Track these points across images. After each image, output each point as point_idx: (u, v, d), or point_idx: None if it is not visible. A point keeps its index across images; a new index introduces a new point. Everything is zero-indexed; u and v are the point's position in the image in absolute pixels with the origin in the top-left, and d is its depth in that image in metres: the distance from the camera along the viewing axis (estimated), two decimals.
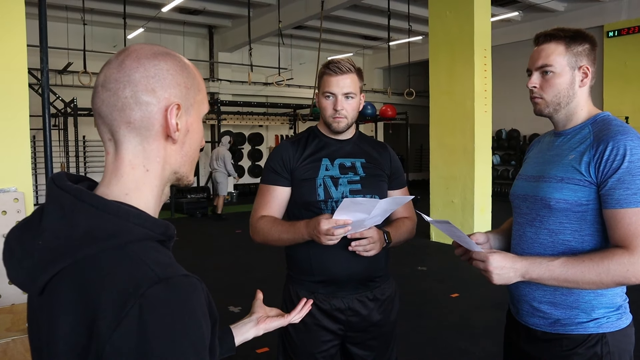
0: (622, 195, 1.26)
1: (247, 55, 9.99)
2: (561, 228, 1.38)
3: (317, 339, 1.77)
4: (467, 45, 6.76)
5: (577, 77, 1.41)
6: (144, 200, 0.78)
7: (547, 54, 1.40)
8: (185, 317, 0.66)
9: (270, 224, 1.74)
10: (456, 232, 1.39)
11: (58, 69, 10.19)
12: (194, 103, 0.82)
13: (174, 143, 0.80)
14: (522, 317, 1.49)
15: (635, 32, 9.88)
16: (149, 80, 0.77)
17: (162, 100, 0.77)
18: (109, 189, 0.78)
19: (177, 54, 0.83)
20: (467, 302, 4.56)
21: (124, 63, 0.77)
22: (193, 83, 0.82)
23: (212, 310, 0.75)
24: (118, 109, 0.76)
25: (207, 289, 0.74)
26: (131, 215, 0.72)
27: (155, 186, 0.80)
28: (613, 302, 1.38)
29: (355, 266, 1.73)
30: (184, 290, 0.67)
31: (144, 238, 0.72)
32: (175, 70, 0.79)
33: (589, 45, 1.41)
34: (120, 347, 0.62)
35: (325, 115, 1.77)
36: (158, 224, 0.75)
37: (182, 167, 0.83)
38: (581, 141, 1.38)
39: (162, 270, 0.67)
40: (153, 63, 0.78)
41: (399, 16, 10.17)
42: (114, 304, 0.64)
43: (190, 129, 0.82)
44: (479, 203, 6.89)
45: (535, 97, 1.44)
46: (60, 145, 10.01)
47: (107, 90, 0.77)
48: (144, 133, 0.77)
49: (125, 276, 0.66)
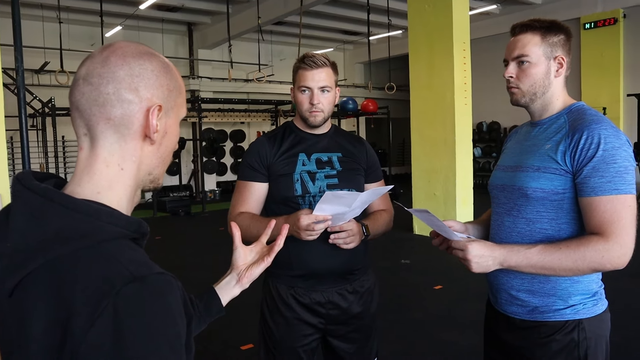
0: (596, 183, 1.28)
1: (227, 52, 9.92)
2: (538, 217, 1.40)
3: (298, 333, 1.77)
4: (446, 39, 6.80)
5: (552, 67, 1.42)
6: (116, 199, 0.77)
7: (523, 44, 1.42)
8: (160, 315, 0.65)
9: (248, 220, 1.73)
10: (435, 222, 1.39)
11: (35, 68, 10.02)
12: (175, 106, 0.82)
13: (151, 144, 0.80)
14: (501, 306, 1.51)
15: (611, 24, 10.04)
16: (133, 78, 0.76)
17: (145, 100, 0.77)
18: (80, 187, 0.76)
19: (161, 55, 0.83)
20: (451, 294, 4.60)
21: (109, 59, 0.76)
22: (175, 86, 0.82)
23: (188, 308, 0.74)
24: (99, 104, 0.75)
25: (182, 286, 0.74)
26: (102, 213, 0.71)
27: (129, 186, 0.79)
28: (589, 289, 1.40)
29: (334, 259, 1.73)
30: (159, 288, 0.67)
31: (118, 236, 0.71)
32: (160, 72, 0.79)
33: (564, 36, 1.43)
34: (96, 346, 0.62)
35: (302, 110, 1.77)
36: (131, 221, 0.74)
37: (156, 168, 0.83)
38: (557, 131, 1.40)
39: (137, 269, 0.67)
40: (138, 62, 0.77)
41: (378, 11, 10.18)
42: (88, 304, 0.63)
43: (168, 131, 0.82)
44: (461, 195, 6.95)
45: (512, 87, 1.46)
46: (39, 146, 9.87)
47: (89, 84, 0.76)
48: (123, 131, 0.77)
49: (99, 275, 0.65)
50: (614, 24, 10.01)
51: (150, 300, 0.65)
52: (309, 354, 1.81)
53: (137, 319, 0.63)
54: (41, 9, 9.76)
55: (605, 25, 10.13)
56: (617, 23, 9.99)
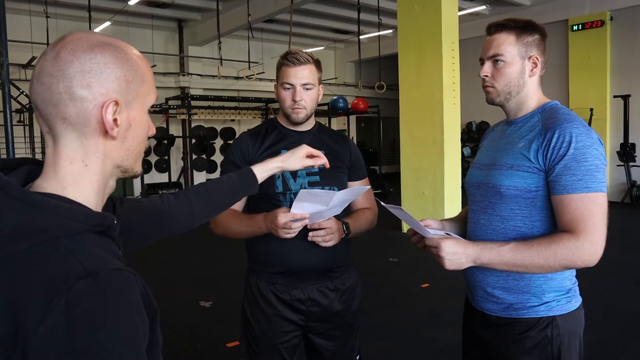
0: (568, 181, 1.30)
1: (217, 49, 9.89)
2: (512, 214, 1.41)
3: (278, 330, 1.78)
4: (435, 39, 6.82)
5: (527, 66, 1.44)
6: (83, 194, 0.76)
7: (498, 43, 1.43)
8: (113, 311, 0.65)
9: (229, 217, 1.74)
10: (409, 219, 1.41)
11: (22, 63, 9.92)
12: (137, 96, 0.79)
13: (113, 139, 0.78)
14: (478, 303, 1.53)
15: (599, 26, 10.11)
16: (84, 75, 0.73)
17: (99, 96, 0.74)
18: (46, 182, 0.76)
19: (121, 42, 0.80)
20: (437, 292, 4.63)
21: (58, 56, 0.74)
22: (136, 74, 0.79)
23: (151, 302, 0.74)
24: (52, 104, 0.74)
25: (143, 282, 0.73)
26: (60, 209, 0.70)
27: (96, 181, 0.78)
28: (562, 286, 1.42)
29: (314, 257, 1.73)
30: (112, 283, 0.67)
31: (77, 231, 0.70)
32: (114, 63, 0.76)
33: (539, 36, 1.45)
34: (47, 340, 0.62)
35: (285, 106, 1.77)
36: (91, 215, 0.73)
37: (124, 160, 0.81)
38: (530, 129, 1.42)
39: (91, 264, 0.66)
40: (89, 56, 0.74)
41: (369, 9, 10.19)
42: (41, 299, 0.63)
43: (132, 122, 0.79)
44: (449, 194, 6.98)
45: (487, 85, 1.47)
46: (26, 142, 9.77)
47: (41, 84, 0.74)
48: (81, 129, 0.75)
49: (53, 271, 0.65)
50: (601, 26, 10.09)
51: (103, 296, 0.65)
52: (289, 350, 1.82)
53: (88, 314, 0.63)
54: (28, 3, 9.67)
55: (593, 27, 10.20)
56: (604, 25, 10.06)
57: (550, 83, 10.71)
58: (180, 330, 3.77)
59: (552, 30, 10.54)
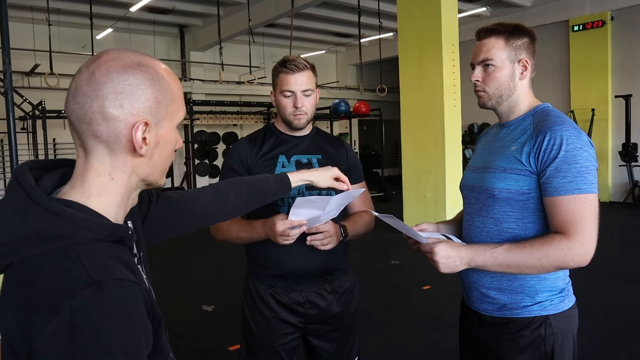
0: (559, 183, 1.32)
1: (219, 54, 9.94)
2: (505, 217, 1.43)
3: (277, 332, 1.80)
4: (435, 41, 6.84)
5: (517, 70, 1.46)
6: (105, 205, 0.80)
7: (487, 48, 1.45)
8: (114, 318, 0.68)
9: (229, 222, 1.76)
10: (402, 226, 1.42)
11: (25, 70, 9.99)
12: (167, 115, 0.82)
13: (141, 157, 0.81)
14: (473, 304, 1.55)
15: (599, 26, 10.11)
16: (117, 95, 0.76)
17: (129, 116, 0.77)
18: (73, 190, 0.80)
19: (153, 62, 0.82)
20: (439, 294, 4.64)
21: (93, 76, 0.77)
22: (166, 94, 0.81)
23: (156, 311, 0.78)
24: (85, 121, 0.77)
25: (149, 291, 0.77)
26: (76, 218, 0.73)
27: (119, 193, 0.81)
28: (556, 286, 1.44)
29: (313, 260, 1.75)
30: (115, 293, 0.70)
31: (90, 240, 0.74)
32: (146, 85, 0.79)
33: (528, 39, 1.47)
34: (51, 343, 0.65)
35: (286, 114, 1.79)
36: (104, 226, 0.76)
37: (150, 175, 0.84)
38: (523, 132, 1.44)
39: (97, 273, 0.70)
40: (122, 77, 0.77)
41: (369, 13, 10.22)
42: (48, 302, 0.67)
43: (160, 140, 0.82)
44: (451, 196, 6.98)
45: (479, 90, 1.50)
46: (29, 149, 9.83)
47: (76, 102, 0.77)
48: (112, 146, 0.79)
49: (62, 277, 0.69)
50: (602, 26, 10.09)
51: (105, 304, 0.68)
52: (288, 352, 1.84)
53: (90, 321, 0.66)
54: (31, 11, 9.73)
55: (594, 28, 10.20)
56: (605, 25, 10.06)
57: (551, 84, 10.71)
58: (183, 334, 3.79)
59: (553, 30, 10.59)
